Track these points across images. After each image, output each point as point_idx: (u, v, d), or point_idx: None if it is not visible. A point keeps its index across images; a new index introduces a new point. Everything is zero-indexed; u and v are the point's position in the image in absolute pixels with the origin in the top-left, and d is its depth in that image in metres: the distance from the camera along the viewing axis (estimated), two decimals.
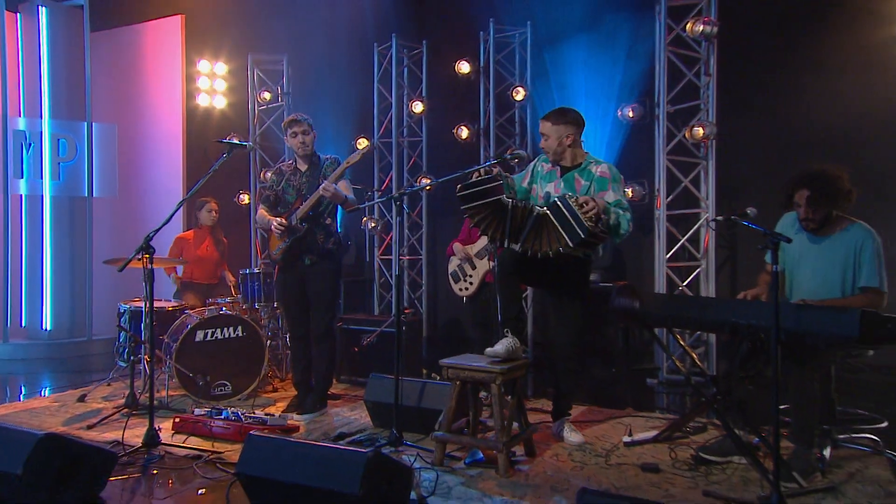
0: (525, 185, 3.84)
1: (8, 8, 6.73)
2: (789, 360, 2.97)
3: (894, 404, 4.12)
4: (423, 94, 6.74)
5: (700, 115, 5.43)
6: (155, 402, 4.37)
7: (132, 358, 4.57)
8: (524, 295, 5.12)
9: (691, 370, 4.32)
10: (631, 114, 5.77)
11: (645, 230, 5.82)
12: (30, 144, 6.73)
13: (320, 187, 4.03)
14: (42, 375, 6.09)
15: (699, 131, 5.28)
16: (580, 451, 3.58)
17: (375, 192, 6.78)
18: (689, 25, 5.19)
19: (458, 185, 3.47)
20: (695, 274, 5.52)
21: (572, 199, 3.29)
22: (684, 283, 5.50)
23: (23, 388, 5.66)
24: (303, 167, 4.31)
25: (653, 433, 3.73)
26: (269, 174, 4.57)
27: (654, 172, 5.58)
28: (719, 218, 5.27)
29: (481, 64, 6.37)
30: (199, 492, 3.03)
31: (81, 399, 4.74)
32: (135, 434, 3.66)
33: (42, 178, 6.77)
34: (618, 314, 3.62)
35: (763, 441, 3.17)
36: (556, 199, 3.36)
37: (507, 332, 3.42)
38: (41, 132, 6.78)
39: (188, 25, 7.29)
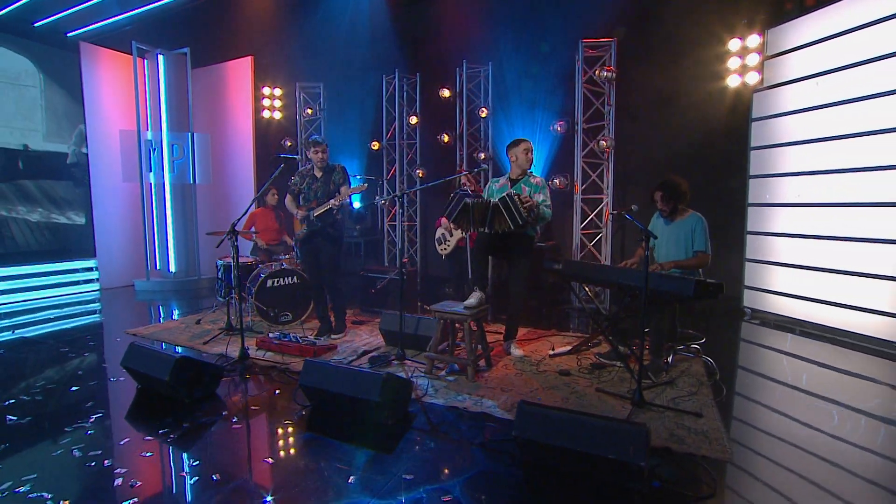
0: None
1: (139, 56, 6.61)
2: (651, 306, 3.18)
3: (709, 325, 4.47)
4: (417, 110, 6.69)
5: (604, 131, 5.48)
6: (242, 326, 4.63)
7: (227, 297, 4.70)
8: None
9: (592, 308, 4.48)
10: (559, 128, 5.79)
11: (567, 207, 5.94)
12: (154, 149, 6.69)
13: (333, 199, 3.99)
14: (172, 302, 6.24)
15: (603, 143, 5.35)
16: (521, 362, 3.69)
17: (385, 181, 6.84)
18: (597, 72, 5.18)
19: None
20: (598, 238, 5.72)
21: (517, 196, 3.39)
22: (591, 244, 5.70)
23: (161, 310, 5.84)
24: (318, 174, 4.18)
25: (568, 348, 3.90)
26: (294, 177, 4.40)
27: (574, 169, 5.67)
28: (614, 212, 5.42)
29: (457, 90, 6.33)
30: (276, 392, 3.14)
31: (198, 322, 4.86)
32: (233, 349, 3.75)
33: (163, 171, 6.77)
34: (547, 271, 3.78)
35: (632, 353, 3.41)
36: (506, 195, 3.41)
37: (476, 289, 3.50)
38: (161, 140, 6.73)
39: (256, 63, 7.10)
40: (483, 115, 6.18)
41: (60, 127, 6.97)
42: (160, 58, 6.68)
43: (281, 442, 2.55)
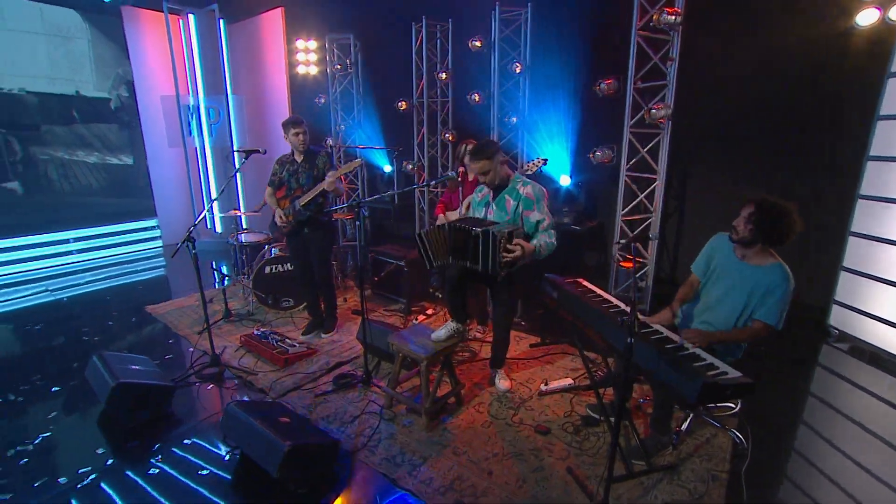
0: (468, 213, 3.12)
1: (172, 14, 6.12)
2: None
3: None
4: (449, 65, 5.56)
5: (662, 93, 4.04)
6: (244, 311, 4.38)
7: (224, 285, 4.48)
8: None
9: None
10: (607, 88, 4.46)
11: (612, 184, 4.71)
12: (192, 114, 6.42)
13: (325, 182, 3.43)
14: (221, 261, 6.25)
15: (657, 113, 3.98)
16: (499, 401, 2.99)
17: (416, 145, 5.93)
18: (655, 16, 3.69)
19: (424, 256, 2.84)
20: (645, 224, 4.50)
21: (502, 238, 2.55)
22: (634, 232, 4.51)
23: (213, 265, 5.76)
24: (299, 159, 3.60)
25: (567, 382, 3.12)
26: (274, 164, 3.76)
27: (622, 140, 4.32)
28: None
29: (491, 40, 5.08)
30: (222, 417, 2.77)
31: (210, 301, 4.55)
32: (222, 342, 3.57)
33: (202, 135, 6.54)
34: (542, 295, 2.93)
35: (627, 418, 2.51)
36: (491, 232, 2.57)
37: (451, 320, 2.86)
38: (198, 105, 6.43)
39: (287, 14, 6.28)
40: (518, 70, 4.94)
41: (108, 77, 6.99)
42: (191, 17, 6.20)
43: None
